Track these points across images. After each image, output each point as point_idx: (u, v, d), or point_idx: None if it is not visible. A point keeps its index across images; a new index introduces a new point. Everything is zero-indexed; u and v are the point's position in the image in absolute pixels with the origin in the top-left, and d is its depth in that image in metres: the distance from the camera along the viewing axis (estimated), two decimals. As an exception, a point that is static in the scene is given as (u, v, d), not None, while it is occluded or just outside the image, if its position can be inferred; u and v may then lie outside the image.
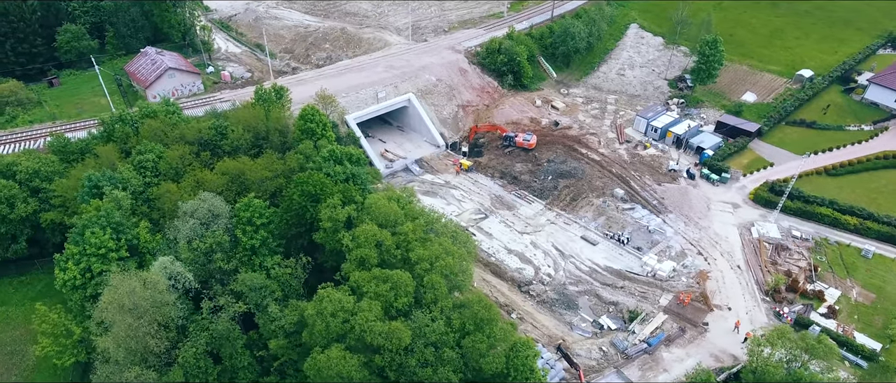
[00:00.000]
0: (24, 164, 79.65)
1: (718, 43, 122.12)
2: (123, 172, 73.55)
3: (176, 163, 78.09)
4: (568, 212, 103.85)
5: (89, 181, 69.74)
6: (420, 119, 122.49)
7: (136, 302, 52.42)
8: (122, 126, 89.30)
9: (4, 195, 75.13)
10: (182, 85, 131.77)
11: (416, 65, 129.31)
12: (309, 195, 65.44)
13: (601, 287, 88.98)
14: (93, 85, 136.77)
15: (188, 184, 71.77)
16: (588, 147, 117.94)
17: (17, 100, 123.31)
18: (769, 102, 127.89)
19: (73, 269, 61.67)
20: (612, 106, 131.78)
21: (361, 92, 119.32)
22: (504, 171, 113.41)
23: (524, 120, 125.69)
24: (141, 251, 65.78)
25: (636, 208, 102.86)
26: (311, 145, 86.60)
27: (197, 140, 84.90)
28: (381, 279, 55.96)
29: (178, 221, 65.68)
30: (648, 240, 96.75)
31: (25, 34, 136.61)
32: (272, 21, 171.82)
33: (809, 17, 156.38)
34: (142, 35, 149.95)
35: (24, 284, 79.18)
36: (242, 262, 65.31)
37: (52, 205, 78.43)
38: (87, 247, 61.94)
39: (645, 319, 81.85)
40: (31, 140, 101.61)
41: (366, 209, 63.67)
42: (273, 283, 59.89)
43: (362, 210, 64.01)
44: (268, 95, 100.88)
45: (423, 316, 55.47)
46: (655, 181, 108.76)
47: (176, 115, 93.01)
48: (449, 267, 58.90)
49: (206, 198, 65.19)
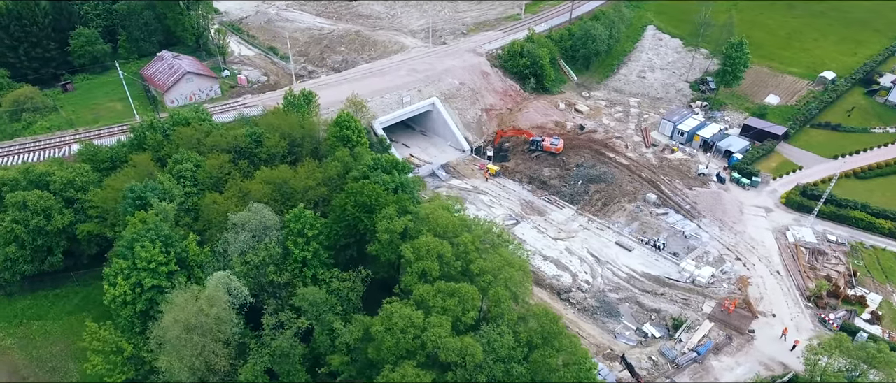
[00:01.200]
0: (58, 174, 77.73)
1: (744, 45, 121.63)
2: (164, 182, 71.78)
3: (215, 173, 76.46)
4: (600, 217, 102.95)
5: (132, 192, 67.96)
6: (444, 123, 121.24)
7: (202, 321, 50.88)
8: (154, 134, 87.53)
9: (40, 206, 73.18)
10: (200, 89, 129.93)
11: (438, 68, 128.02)
12: (362, 205, 64.06)
13: (641, 293, 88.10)
14: (107, 89, 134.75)
15: (233, 195, 70.18)
16: (615, 151, 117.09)
17: (33, 105, 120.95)
18: (792, 105, 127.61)
19: (124, 284, 59.97)
20: (635, 109, 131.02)
21: (386, 96, 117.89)
22: (532, 176, 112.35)
23: (549, 123, 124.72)
24: (189, 264, 64.15)
25: (669, 213, 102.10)
26: (348, 153, 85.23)
27: (232, 148, 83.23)
28: (447, 292, 54.72)
29: (227, 233, 64.11)
30: (684, 246, 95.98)
31: (39, 38, 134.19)
32: (284, 23, 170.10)
33: (825, 18, 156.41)
34: (155, 38, 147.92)
35: (60, 298, 77.30)
36: (294, 275, 63.86)
37: (89, 216, 76.63)
38: (137, 261, 60.24)
39: (690, 327, 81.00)
40: (56, 147, 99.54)
41: (423, 219, 62.31)
42: (332, 298, 58.44)
43: (419, 220, 62.63)
44: (298, 101, 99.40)
45: (492, 331, 54.30)
46: (686, 185, 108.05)
47: (207, 123, 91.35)
48: (513, 279, 57.74)
49: (257, 210, 63.62)
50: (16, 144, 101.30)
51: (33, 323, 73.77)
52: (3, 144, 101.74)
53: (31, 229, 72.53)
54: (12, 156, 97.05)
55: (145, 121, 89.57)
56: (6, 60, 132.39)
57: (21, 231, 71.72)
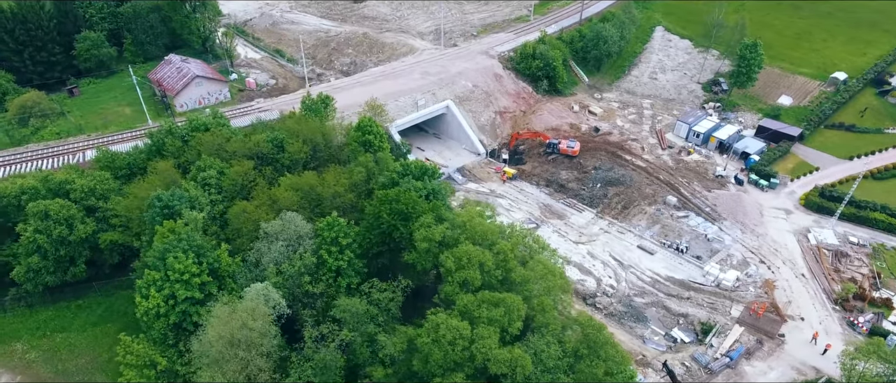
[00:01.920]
0: (79, 183, 76.12)
1: (758, 46, 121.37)
2: (190, 190, 70.43)
3: (240, 180, 75.16)
4: (620, 220, 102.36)
5: (159, 201, 66.57)
6: (459, 126, 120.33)
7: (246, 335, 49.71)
8: (173, 140, 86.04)
9: (63, 216, 71.61)
10: (209, 93, 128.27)
11: (451, 70, 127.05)
12: (398, 213, 63.00)
13: (667, 298, 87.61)
14: (114, 94, 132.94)
15: (262, 203, 68.87)
16: (631, 153, 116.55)
17: (41, 110, 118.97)
18: (805, 106, 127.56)
19: (157, 297, 58.65)
20: (648, 110, 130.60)
21: (400, 99, 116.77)
22: (549, 179, 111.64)
23: (563, 126, 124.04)
24: (221, 275, 62.87)
25: (690, 216, 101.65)
26: (371, 158, 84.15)
27: (255, 154, 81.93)
28: (492, 302, 53.79)
29: (260, 243, 62.89)
30: (707, 249, 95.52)
31: (43, 42, 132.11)
32: (290, 26, 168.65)
33: (832, 18, 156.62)
34: (160, 41, 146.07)
35: (83, 309, 75.74)
36: (328, 285, 62.73)
37: (111, 225, 75.16)
38: (170, 272, 58.92)
39: (720, 332, 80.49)
40: (70, 154, 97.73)
41: (460, 227, 61.32)
42: (373, 309, 57.36)
43: (456, 228, 61.62)
44: (316, 105, 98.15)
45: (538, 341, 53.44)
46: (705, 187, 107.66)
47: (226, 128, 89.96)
48: (557, 287, 56.90)
49: (290, 219, 62.43)
50: (28, 151, 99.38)
51: (57, 335, 72.23)
52: (16, 151, 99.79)
53: (53, 239, 70.96)
54: (26, 162, 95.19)
55: (164, 126, 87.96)
56: (11, 65, 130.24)
57: (43, 241, 70.13)
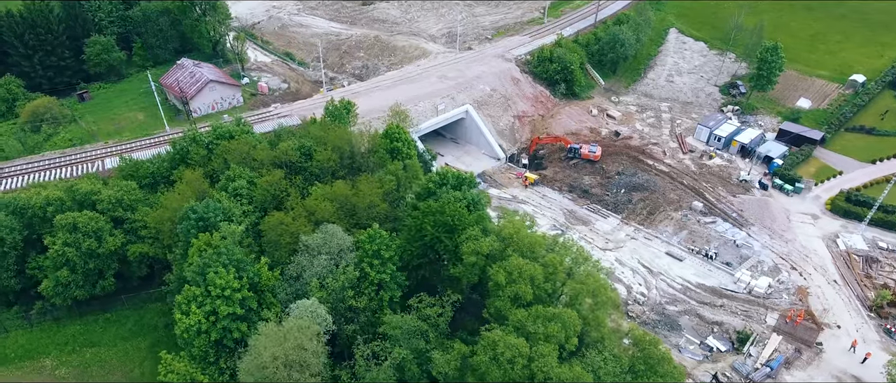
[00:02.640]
0: (105, 193, 74.34)
1: (778, 49, 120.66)
2: (223, 201, 68.79)
3: (272, 190, 73.55)
4: (646, 226, 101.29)
5: (194, 213, 64.89)
6: (478, 131, 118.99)
7: (302, 356, 48.21)
8: (197, 148, 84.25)
9: (92, 228, 69.81)
10: (222, 98, 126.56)
11: (469, 74, 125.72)
12: (442, 225, 61.60)
13: (699, 306, 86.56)
14: (125, 98, 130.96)
15: (298, 214, 67.26)
16: (653, 157, 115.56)
17: (52, 116, 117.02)
18: (824, 108, 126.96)
19: (198, 313, 57.03)
20: (666, 114, 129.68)
21: (420, 104, 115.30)
22: (572, 185, 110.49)
23: (583, 130, 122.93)
24: (261, 289, 61.31)
25: (717, 221, 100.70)
26: (401, 166, 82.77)
27: (283, 162, 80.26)
28: (546, 317, 52.48)
29: (300, 257, 61.36)
30: (737, 255, 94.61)
31: (53, 47, 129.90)
32: (299, 29, 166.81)
33: (846, 20, 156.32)
34: (170, 45, 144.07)
35: (111, 322, 73.94)
36: (370, 298, 61.28)
37: (140, 237, 73.41)
38: (211, 288, 57.32)
39: (758, 340, 79.52)
40: (89, 162, 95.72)
41: (507, 239, 59.97)
42: (423, 324, 55.95)
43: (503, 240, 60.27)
44: (339, 111, 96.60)
45: (596, 357, 52.22)
46: (730, 192, 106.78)
47: (250, 135, 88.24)
48: (609, 302, 55.72)
49: (332, 232, 60.93)
50: (45, 159, 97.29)
51: (86, 350, 70.43)
52: (33, 159, 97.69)
53: (82, 252, 69.16)
54: (44, 172, 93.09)
55: (187, 134, 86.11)
56: (21, 70, 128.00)
57: (73, 254, 68.33)
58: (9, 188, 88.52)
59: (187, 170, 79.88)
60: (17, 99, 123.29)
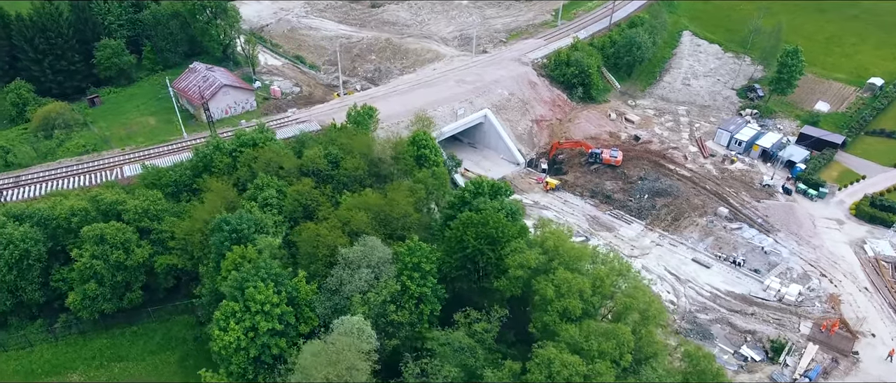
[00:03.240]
0: (131, 203, 72.66)
1: (799, 52, 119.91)
2: (254, 212, 67.24)
3: (303, 200, 72.04)
4: (671, 232, 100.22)
5: (227, 224, 63.28)
6: (497, 135, 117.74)
7: (355, 377, 46.77)
8: (221, 156, 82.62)
9: (120, 240, 68.11)
10: (235, 102, 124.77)
11: (486, 78, 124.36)
12: (485, 237, 60.23)
13: (730, 313, 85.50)
14: (136, 103, 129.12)
15: (333, 224, 65.74)
16: (674, 162, 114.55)
17: (64, 122, 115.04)
18: (843, 112, 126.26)
19: (236, 329, 55.50)
20: (684, 118, 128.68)
21: (439, 109, 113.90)
22: (594, 190, 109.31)
23: (603, 134, 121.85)
24: (299, 303, 59.80)
25: (743, 227, 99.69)
26: (430, 174, 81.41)
27: (311, 171, 78.74)
28: (599, 333, 51.22)
29: (340, 270, 59.85)
30: (765, 262, 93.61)
31: (63, 50, 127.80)
32: (309, 31, 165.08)
33: (859, 21, 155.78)
34: (180, 49, 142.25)
35: (139, 335, 72.19)
36: (410, 312, 59.86)
37: (167, 249, 71.75)
38: (251, 303, 55.79)
39: (793, 350, 78.50)
40: (106, 170, 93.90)
41: (552, 251, 58.65)
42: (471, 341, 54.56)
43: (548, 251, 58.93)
44: (361, 117, 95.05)
45: (651, 374, 51.02)
46: (754, 197, 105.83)
47: (273, 142, 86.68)
48: (659, 315, 54.51)
49: (373, 244, 59.48)
50: (62, 166, 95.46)
51: (114, 364, 68.70)
52: (50, 166, 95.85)
53: (110, 264, 67.45)
54: (61, 179, 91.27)
55: (211, 141, 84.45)
56: (30, 74, 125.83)
57: (101, 266, 66.61)
58: (27, 196, 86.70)
59: (213, 179, 78.20)
60: (27, 104, 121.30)
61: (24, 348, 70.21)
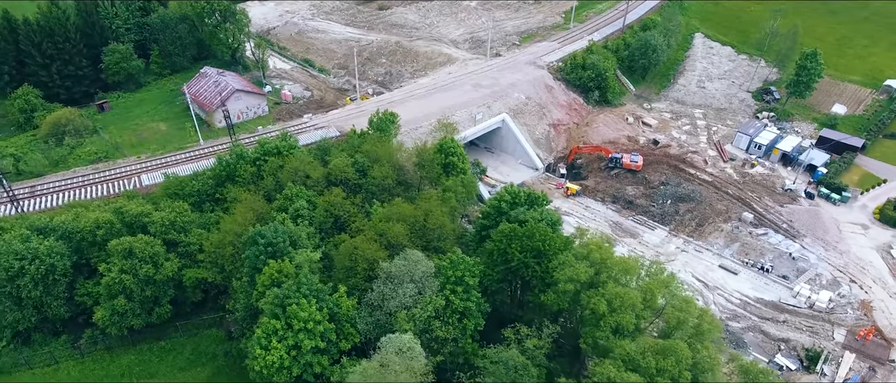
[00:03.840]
0: (156, 215, 70.81)
1: (817, 55, 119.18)
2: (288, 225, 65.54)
3: (335, 211, 70.41)
4: (696, 238, 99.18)
5: (262, 238, 61.55)
6: (515, 140, 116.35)
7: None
8: (245, 165, 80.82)
9: (149, 253, 66.25)
10: (247, 107, 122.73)
11: (502, 82, 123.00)
12: (530, 250, 58.84)
13: (762, 321, 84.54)
14: (145, 108, 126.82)
15: (370, 237, 64.13)
16: (694, 166, 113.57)
17: (74, 128, 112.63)
18: (860, 114, 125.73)
19: (279, 347, 53.85)
20: (701, 121, 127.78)
21: (457, 113, 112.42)
22: (616, 195, 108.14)
23: (621, 139, 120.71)
24: (339, 319, 58.20)
25: (769, 233, 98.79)
26: (459, 182, 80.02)
27: (340, 180, 77.11)
28: (656, 350, 49.95)
29: (381, 284, 58.29)
30: (793, 268, 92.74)
31: (71, 55, 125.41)
32: (317, 34, 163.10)
33: (870, 23, 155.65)
34: (188, 53, 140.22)
35: (167, 351, 70.27)
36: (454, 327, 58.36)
37: (195, 261, 69.94)
38: (294, 321, 54.16)
39: (830, 359, 77.58)
40: (123, 179, 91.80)
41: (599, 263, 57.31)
42: (523, 358, 53.13)
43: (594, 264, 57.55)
44: (384, 123, 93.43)
45: (709, 391, 49.93)
46: (776, 202, 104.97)
47: (297, 150, 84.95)
48: (714, 329, 53.30)
49: (416, 258, 57.96)
50: (77, 175, 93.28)
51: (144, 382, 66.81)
52: (65, 175, 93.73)
53: (140, 279, 65.56)
54: (78, 189, 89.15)
55: (234, 150, 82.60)
56: (38, 79, 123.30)
57: (130, 281, 64.69)
58: (45, 207, 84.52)
59: (238, 189, 76.53)
60: (35, 110, 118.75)
61: (50, 365, 68.21)
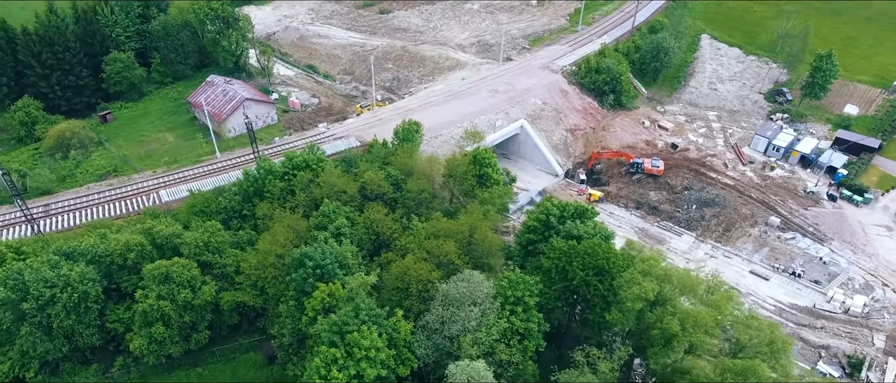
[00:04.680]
0: (189, 236, 67.81)
1: (833, 56, 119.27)
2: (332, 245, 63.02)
3: (377, 228, 68.03)
4: (724, 244, 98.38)
5: (309, 260, 59.00)
6: (534, 146, 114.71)
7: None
8: (273, 180, 77.96)
9: (186, 277, 63.35)
10: (257, 116, 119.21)
11: (519, 88, 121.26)
12: (593, 268, 57.07)
13: (799, 327, 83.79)
14: (150, 118, 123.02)
15: (419, 257, 61.85)
16: (714, 170, 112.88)
17: (80, 141, 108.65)
18: (872, 114, 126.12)
19: (340, 377, 51.43)
20: (716, 123, 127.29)
21: (477, 120, 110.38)
22: (639, 201, 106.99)
23: (639, 143, 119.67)
24: (397, 344, 55.92)
25: (797, 237, 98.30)
26: (498, 194, 78.10)
27: (376, 194, 74.70)
28: (736, 372, 48.52)
29: (439, 307, 56.12)
30: (824, 273, 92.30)
31: (71, 65, 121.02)
32: (319, 40, 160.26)
33: (873, 23, 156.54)
34: (190, 60, 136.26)
35: (204, 378, 67.29)
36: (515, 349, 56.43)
37: (232, 283, 67.15)
38: (355, 349, 51.79)
39: (874, 365, 77.02)
40: (142, 195, 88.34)
41: (663, 279, 55.78)
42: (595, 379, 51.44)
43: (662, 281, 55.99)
44: (409, 133, 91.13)
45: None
46: (800, 205, 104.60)
47: (325, 162, 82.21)
48: (786, 346, 52.03)
49: (477, 279, 55.89)
50: (92, 192, 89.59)
51: (184, 412, 64.08)
52: (79, 193, 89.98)
53: (178, 305, 62.63)
54: (94, 207, 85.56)
55: (262, 164, 79.64)
56: (38, 90, 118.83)
57: (168, 307, 61.72)
58: (61, 227, 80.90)
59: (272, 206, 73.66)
60: (36, 122, 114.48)
61: (82, 396, 65.08)
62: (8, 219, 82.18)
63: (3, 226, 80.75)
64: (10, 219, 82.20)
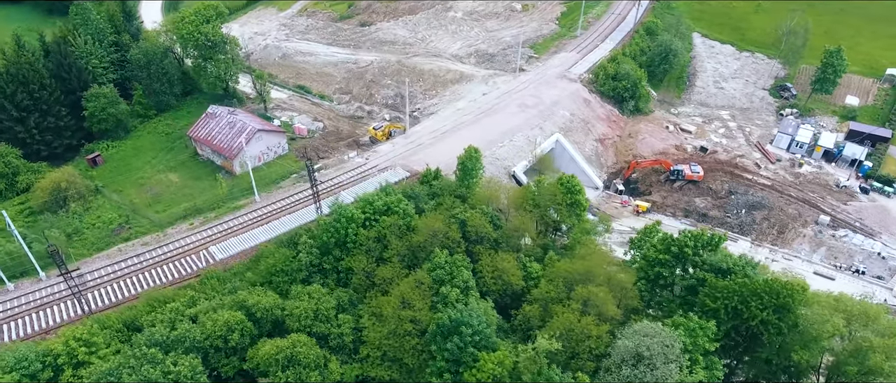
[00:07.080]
0: (296, 307, 59.52)
1: (842, 51, 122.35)
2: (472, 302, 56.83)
3: (506, 278, 62.18)
4: (780, 246, 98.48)
5: (467, 326, 52.37)
6: (569, 160, 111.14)
7: None
8: (357, 228, 70.19)
9: (313, 359, 55.18)
10: (268, 148, 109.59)
11: (546, 100, 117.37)
12: (773, 306, 53.62)
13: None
14: (145, 157, 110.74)
15: (573, 308, 56.59)
16: (748, 171, 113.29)
17: (77, 191, 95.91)
18: (873, 105, 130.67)
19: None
20: (732, 122, 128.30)
21: (515, 137, 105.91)
22: (687, 209, 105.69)
23: (669, 148, 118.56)
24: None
25: (848, 234, 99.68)
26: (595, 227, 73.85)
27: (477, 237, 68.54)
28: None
29: (622, 366, 51.24)
30: (885, 268, 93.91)
31: (49, 105, 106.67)
32: (304, 58, 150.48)
33: (847, 14, 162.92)
34: (175, 89, 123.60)
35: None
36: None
37: (352, 356, 59.51)
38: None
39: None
40: (190, 254, 77.81)
41: (847, 313, 53.23)
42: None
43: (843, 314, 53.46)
44: (472, 161, 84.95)
45: None
46: (840, 201, 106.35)
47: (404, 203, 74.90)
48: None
49: (665, 334, 51.30)
50: (127, 257, 78.14)
51: None
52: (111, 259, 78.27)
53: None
54: (140, 274, 74.38)
55: (341, 213, 71.32)
56: (14, 136, 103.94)
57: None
58: (108, 303, 69.66)
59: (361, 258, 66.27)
60: (17, 172, 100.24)
61: None
62: (41, 297, 70.20)
63: (38, 307, 68.80)
64: (46, 296, 70.23)
